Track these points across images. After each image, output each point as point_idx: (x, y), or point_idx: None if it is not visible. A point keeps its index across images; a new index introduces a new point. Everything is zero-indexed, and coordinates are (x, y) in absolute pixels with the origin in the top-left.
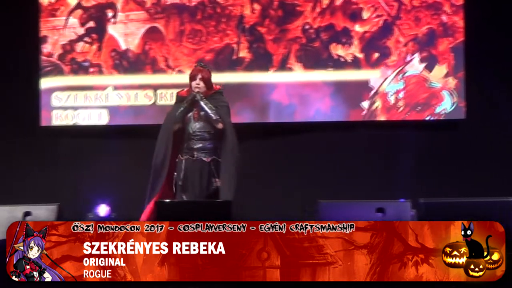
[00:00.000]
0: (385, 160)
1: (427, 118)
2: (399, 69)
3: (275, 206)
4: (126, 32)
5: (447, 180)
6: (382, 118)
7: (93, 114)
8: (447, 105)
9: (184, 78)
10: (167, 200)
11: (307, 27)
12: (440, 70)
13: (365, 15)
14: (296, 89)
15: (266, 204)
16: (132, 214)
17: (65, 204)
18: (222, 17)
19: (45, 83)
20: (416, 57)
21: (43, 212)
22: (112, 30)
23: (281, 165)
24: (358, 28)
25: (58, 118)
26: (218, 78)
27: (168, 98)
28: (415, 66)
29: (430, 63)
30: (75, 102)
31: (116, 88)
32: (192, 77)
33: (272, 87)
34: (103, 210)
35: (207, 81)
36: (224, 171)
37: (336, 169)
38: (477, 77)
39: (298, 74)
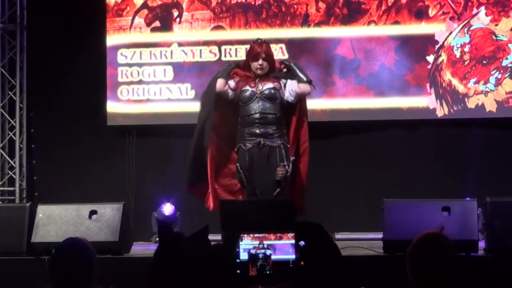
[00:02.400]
0: (450, 159)
1: (493, 72)
2: (465, 22)
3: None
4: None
5: None
6: (447, 71)
7: (158, 71)
8: None
9: (247, 35)
10: (232, 199)
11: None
12: (506, 23)
13: (431, 12)
14: (360, 43)
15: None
16: (196, 214)
17: (130, 202)
18: (287, 15)
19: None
20: (482, 10)
21: (108, 211)
22: (178, 29)
23: (346, 163)
24: None
25: (124, 76)
26: (282, 33)
27: (233, 54)
28: (481, 19)
29: (497, 16)
30: (141, 59)
31: (180, 44)
32: (254, 57)
33: (336, 42)
34: (168, 209)
35: (272, 60)
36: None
37: (401, 167)
38: None
39: (363, 29)
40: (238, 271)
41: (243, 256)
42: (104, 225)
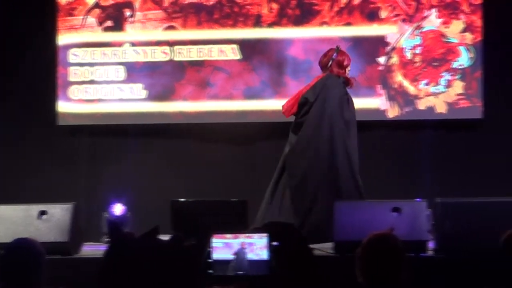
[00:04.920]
0: (401, 160)
1: (444, 74)
2: (416, 24)
3: None
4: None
5: (463, 180)
6: (398, 73)
7: (109, 71)
8: (463, 60)
9: (200, 35)
10: (183, 199)
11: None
12: (457, 25)
13: (383, 14)
14: (312, 44)
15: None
16: (146, 214)
17: (81, 203)
18: (239, 16)
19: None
20: (434, 12)
21: (58, 211)
22: (130, 29)
23: None
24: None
25: (75, 75)
26: (234, 34)
27: (185, 54)
28: (433, 21)
29: (447, 18)
30: (92, 58)
31: (133, 44)
32: (347, 66)
33: (289, 43)
34: (118, 209)
35: None
36: None
37: None
38: (495, 77)
39: (315, 30)
40: (211, 271)
41: (219, 255)
42: (54, 225)
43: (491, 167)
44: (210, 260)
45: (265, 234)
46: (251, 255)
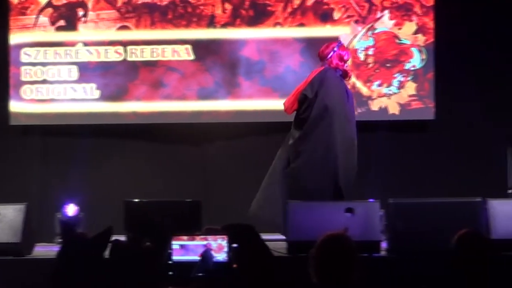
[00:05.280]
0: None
1: (396, 75)
2: (369, 25)
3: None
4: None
5: (416, 180)
6: (352, 74)
7: (62, 70)
8: (416, 61)
9: (153, 35)
10: (136, 200)
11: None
12: (409, 27)
13: (336, 15)
14: (266, 45)
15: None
16: (100, 214)
17: (33, 203)
18: (193, 16)
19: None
20: (386, 13)
21: (10, 211)
22: (83, 29)
23: (251, 164)
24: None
25: (27, 75)
26: (188, 34)
27: (138, 54)
28: (385, 22)
29: (400, 20)
30: (45, 58)
31: (86, 44)
32: (346, 60)
33: (242, 43)
34: (71, 209)
35: None
36: None
37: None
38: (447, 78)
39: (268, 30)
40: (171, 273)
41: (179, 257)
42: (6, 226)
43: (443, 168)
44: (170, 262)
45: (224, 236)
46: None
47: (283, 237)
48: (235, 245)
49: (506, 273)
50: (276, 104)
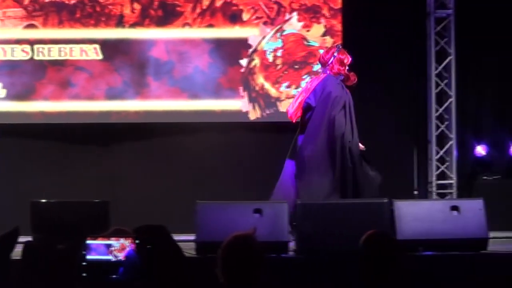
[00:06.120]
0: (263, 161)
1: (305, 77)
2: (278, 27)
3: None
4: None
5: None
6: (260, 75)
7: None
8: None
9: (61, 34)
10: (43, 200)
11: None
12: (318, 29)
13: (245, 16)
14: (175, 45)
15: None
16: (5, 215)
17: None
18: (101, 15)
19: None
20: (295, 15)
21: None
22: None
23: (159, 164)
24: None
25: None
26: (96, 34)
27: (45, 53)
28: (294, 24)
29: (308, 22)
30: None
31: None
32: (346, 64)
33: (151, 43)
34: None
35: None
36: None
37: (214, 169)
38: None
39: (177, 31)
40: (85, 274)
41: (94, 258)
42: None
43: None
44: (84, 263)
45: (128, 237)
46: (119, 257)
47: (192, 237)
48: (146, 246)
49: (411, 273)
50: (185, 104)
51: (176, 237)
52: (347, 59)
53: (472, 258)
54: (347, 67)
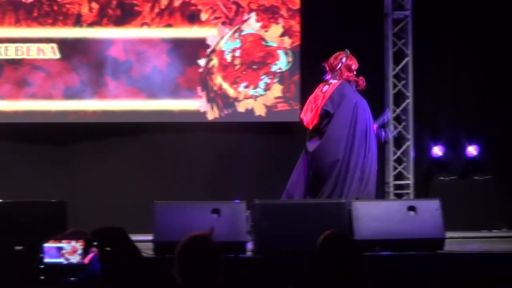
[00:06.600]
0: (220, 162)
1: (263, 77)
2: (236, 27)
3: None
4: None
5: (281, 181)
6: (218, 75)
7: None
8: (282, 64)
9: (18, 33)
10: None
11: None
12: (276, 29)
13: (203, 16)
14: (133, 45)
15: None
16: None
17: None
18: (59, 15)
19: None
20: (253, 16)
21: None
22: None
23: (116, 165)
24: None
25: None
26: (54, 33)
27: (2, 52)
28: (252, 25)
29: (267, 22)
30: None
31: None
32: (354, 70)
33: (109, 43)
34: None
35: None
36: None
37: (172, 169)
38: (313, 81)
39: (136, 30)
40: (42, 277)
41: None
42: None
43: None
44: (42, 266)
45: (79, 239)
46: (74, 260)
47: (150, 238)
48: (105, 248)
49: (368, 273)
50: (143, 104)
51: (134, 237)
52: (355, 65)
53: (429, 258)
54: (354, 73)
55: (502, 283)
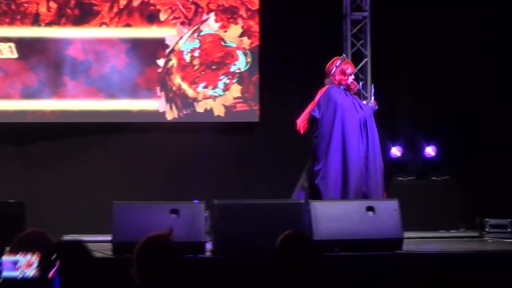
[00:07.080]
0: (179, 162)
1: (222, 77)
2: (195, 27)
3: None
4: None
5: (240, 181)
6: (177, 75)
7: None
8: (241, 64)
9: None
10: None
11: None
12: (235, 29)
13: (162, 16)
14: (92, 45)
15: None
16: None
17: None
18: (16, 14)
19: None
20: (212, 16)
21: None
22: None
23: (73, 165)
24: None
25: None
26: (11, 32)
27: None
28: (211, 25)
29: (226, 22)
30: None
31: None
32: (350, 74)
33: (68, 42)
34: None
35: None
36: None
37: (131, 170)
38: (272, 81)
39: (94, 30)
40: None
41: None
42: None
43: (267, 169)
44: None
45: (34, 252)
46: (30, 274)
47: (109, 238)
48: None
49: (326, 273)
50: (102, 104)
51: (93, 237)
52: (351, 69)
53: (387, 258)
54: (349, 77)
55: (460, 283)
